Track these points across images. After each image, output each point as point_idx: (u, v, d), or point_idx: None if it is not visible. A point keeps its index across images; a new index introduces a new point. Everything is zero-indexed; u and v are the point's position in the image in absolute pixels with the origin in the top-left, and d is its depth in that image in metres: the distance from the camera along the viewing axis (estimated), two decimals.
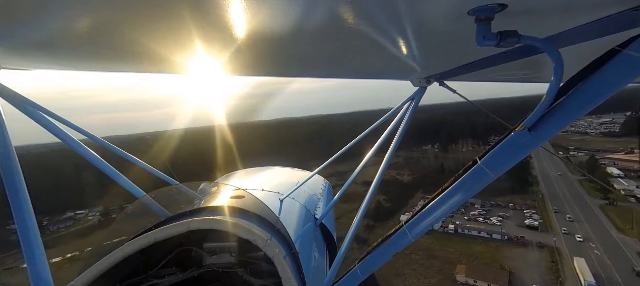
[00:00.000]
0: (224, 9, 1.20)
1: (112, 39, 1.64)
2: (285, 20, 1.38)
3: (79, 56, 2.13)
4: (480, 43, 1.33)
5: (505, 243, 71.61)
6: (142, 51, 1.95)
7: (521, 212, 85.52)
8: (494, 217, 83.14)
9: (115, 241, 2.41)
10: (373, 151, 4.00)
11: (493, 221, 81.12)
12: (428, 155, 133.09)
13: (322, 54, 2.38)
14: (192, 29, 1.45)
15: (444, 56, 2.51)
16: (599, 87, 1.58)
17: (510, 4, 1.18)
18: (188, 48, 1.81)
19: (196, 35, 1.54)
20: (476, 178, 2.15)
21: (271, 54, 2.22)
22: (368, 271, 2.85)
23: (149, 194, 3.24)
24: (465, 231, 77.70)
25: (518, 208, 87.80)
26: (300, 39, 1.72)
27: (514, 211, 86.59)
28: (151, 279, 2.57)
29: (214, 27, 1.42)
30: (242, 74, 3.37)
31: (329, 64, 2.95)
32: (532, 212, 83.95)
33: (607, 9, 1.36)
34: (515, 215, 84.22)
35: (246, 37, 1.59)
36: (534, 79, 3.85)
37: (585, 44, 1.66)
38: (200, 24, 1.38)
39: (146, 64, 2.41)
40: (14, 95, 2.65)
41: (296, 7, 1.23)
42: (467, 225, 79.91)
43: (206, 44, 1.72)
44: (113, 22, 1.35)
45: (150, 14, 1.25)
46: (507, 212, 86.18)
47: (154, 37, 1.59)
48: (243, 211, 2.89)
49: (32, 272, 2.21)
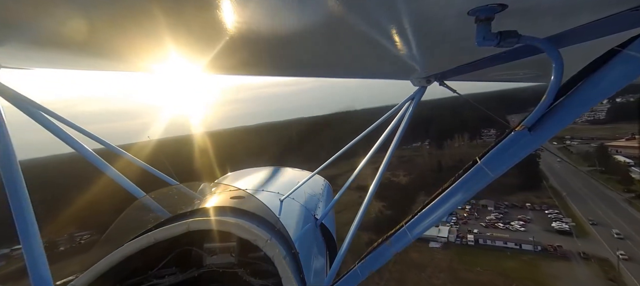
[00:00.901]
0: (224, 9, 1.20)
1: (112, 39, 1.64)
2: (286, 19, 1.38)
3: (78, 55, 2.13)
4: (480, 43, 1.33)
5: (539, 255, 57.75)
6: (142, 51, 1.95)
7: (542, 213, 73.65)
8: (515, 221, 70.73)
9: (115, 242, 2.41)
10: (373, 151, 4.00)
11: (515, 226, 68.74)
12: (422, 153, 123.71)
13: (322, 54, 2.38)
14: (194, 27, 1.45)
15: (444, 55, 2.51)
16: (599, 87, 1.58)
17: (510, 4, 1.18)
18: (190, 47, 1.81)
19: (200, 34, 1.54)
20: (476, 177, 2.15)
21: (270, 54, 2.22)
22: (368, 271, 2.85)
23: (149, 194, 3.24)
24: (487, 242, 64.67)
25: (537, 208, 76.43)
26: (300, 39, 1.73)
27: (534, 213, 74.80)
28: (151, 279, 2.57)
29: (214, 25, 1.42)
30: (241, 74, 3.37)
31: (329, 64, 2.95)
32: (555, 212, 71.87)
33: (607, 9, 1.36)
34: (538, 217, 72.01)
35: (245, 36, 1.59)
36: (534, 79, 3.85)
37: (585, 44, 1.66)
38: (201, 23, 1.38)
39: (146, 63, 2.41)
40: (14, 95, 2.65)
41: (296, 7, 1.24)
42: (487, 234, 67.63)
43: (208, 42, 1.72)
44: (113, 21, 1.35)
45: (149, 13, 1.25)
46: (526, 214, 74.52)
47: (154, 36, 1.59)
48: (243, 211, 2.89)
49: (32, 272, 2.21)
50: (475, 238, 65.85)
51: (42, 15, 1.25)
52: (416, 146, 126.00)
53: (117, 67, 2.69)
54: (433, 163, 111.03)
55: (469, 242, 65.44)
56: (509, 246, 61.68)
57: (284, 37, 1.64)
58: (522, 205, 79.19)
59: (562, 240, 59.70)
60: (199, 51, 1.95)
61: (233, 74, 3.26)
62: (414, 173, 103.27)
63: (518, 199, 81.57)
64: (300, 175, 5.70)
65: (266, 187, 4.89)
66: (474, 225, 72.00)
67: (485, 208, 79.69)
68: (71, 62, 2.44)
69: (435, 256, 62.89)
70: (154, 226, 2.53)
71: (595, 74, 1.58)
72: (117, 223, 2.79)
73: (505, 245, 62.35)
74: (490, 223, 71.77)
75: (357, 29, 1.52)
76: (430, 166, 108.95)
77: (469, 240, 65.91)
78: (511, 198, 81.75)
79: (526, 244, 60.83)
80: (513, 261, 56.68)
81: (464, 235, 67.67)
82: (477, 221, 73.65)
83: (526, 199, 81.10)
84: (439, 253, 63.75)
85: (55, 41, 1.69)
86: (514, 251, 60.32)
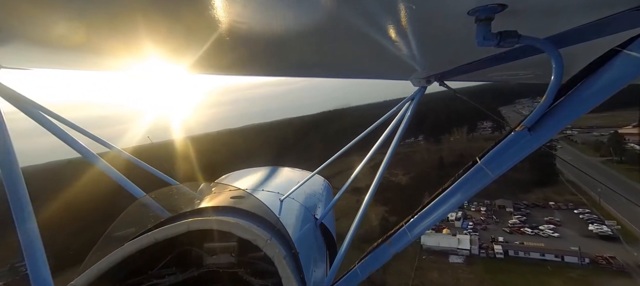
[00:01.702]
0: (225, 8, 1.20)
1: (111, 39, 1.64)
2: (286, 19, 1.38)
3: (78, 55, 2.13)
4: (481, 43, 1.33)
5: (589, 269, 46.31)
6: (142, 50, 1.95)
7: (571, 213, 62.94)
8: (543, 225, 59.72)
9: (115, 242, 2.41)
10: (373, 151, 4.00)
11: (546, 231, 57.33)
12: (419, 149, 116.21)
13: (322, 54, 2.38)
14: (195, 27, 1.45)
15: (444, 55, 2.52)
16: (599, 87, 1.58)
17: (510, 4, 1.18)
18: (191, 46, 1.81)
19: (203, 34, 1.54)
20: (476, 177, 2.15)
21: (270, 54, 2.22)
22: (368, 271, 2.85)
23: (149, 194, 3.24)
24: (520, 254, 53.37)
25: (563, 207, 66.11)
26: (300, 38, 1.73)
27: (561, 213, 64.31)
28: (151, 279, 2.57)
29: (211, 24, 1.42)
30: (240, 74, 3.37)
31: (329, 64, 2.95)
32: (587, 212, 61.32)
33: (607, 9, 1.36)
34: (568, 219, 61.07)
35: (244, 36, 1.59)
36: (534, 79, 3.85)
37: (585, 44, 1.66)
38: (202, 22, 1.38)
39: (146, 62, 2.41)
40: (14, 95, 2.65)
41: (296, 7, 1.24)
42: (515, 242, 56.39)
43: (209, 41, 1.72)
44: (112, 21, 1.35)
45: (149, 12, 1.26)
46: (552, 215, 63.95)
47: (155, 36, 1.59)
48: (243, 211, 2.89)
49: (32, 272, 2.21)
50: (504, 249, 54.28)
51: (42, 15, 1.25)
52: (409, 142, 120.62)
53: (117, 66, 2.69)
54: (433, 159, 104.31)
55: (497, 254, 53.98)
56: (547, 258, 50.52)
57: (284, 36, 1.64)
58: (545, 204, 69.13)
59: (609, 248, 48.18)
60: (204, 49, 1.95)
61: (229, 74, 3.27)
62: (413, 172, 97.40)
63: (537, 198, 72.61)
64: (300, 175, 5.69)
65: (266, 187, 4.89)
66: (495, 231, 61.29)
67: (503, 209, 69.49)
68: (71, 62, 2.44)
69: (460, 274, 52.46)
70: (154, 226, 2.53)
71: (595, 74, 1.58)
72: (117, 223, 2.79)
73: (543, 257, 51.20)
74: (515, 228, 61.01)
75: (357, 29, 1.52)
76: (430, 163, 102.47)
77: (496, 252, 54.32)
78: (529, 197, 73.16)
79: (569, 255, 49.59)
80: (558, 280, 45.23)
81: (488, 245, 56.60)
82: (499, 226, 62.83)
83: (546, 197, 72.11)
84: (463, 271, 53.15)
85: (55, 41, 1.69)
86: (555, 264, 49.17)
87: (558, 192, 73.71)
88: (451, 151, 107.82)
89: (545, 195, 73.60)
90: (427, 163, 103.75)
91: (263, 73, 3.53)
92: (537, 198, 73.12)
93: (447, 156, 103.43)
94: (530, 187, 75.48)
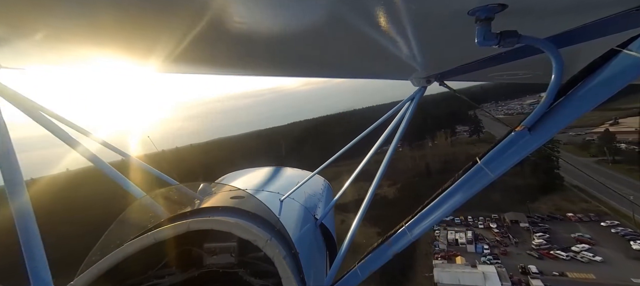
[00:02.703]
0: (225, 8, 1.20)
1: (111, 38, 1.64)
2: (286, 19, 1.38)
3: (78, 55, 2.13)
4: (481, 43, 1.33)
5: None
6: (142, 50, 1.95)
7: (597, 225, 52.32)
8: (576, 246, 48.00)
9: (115, 242, 2.41)
10: (373, 151, 4.00)
11: (584, 254, 45.68)
12: (403, 156, 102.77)
13: (322, 54, 2.38)
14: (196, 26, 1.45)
15: (444, 55, 2.51)
16: (599, 87, 1.58)
17: (510, 4, 1.18)
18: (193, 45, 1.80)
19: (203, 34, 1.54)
20: (476, 178, 2.15)
21: (270, 54, 2.22)
22: (368, 271, 2.85)
23: (149, 194, 3.24)
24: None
25: (585, 219, 55.42)
26: (300, 38, 1.73)
27: (585, 226, 53.42)
28: (151, 279, 2.57)
29: (215, 24, 1.42)
30: (240, 74, 3.37)
31: (328, 64, 2.95)
32: (616, 224, 51.72)
33: (607, 9, 1.36)
34: (597, 233, 50.10)
35: (244, 35, 1.59)
36: (534, 79, 3.85)
37: (585, 44, 1.67)
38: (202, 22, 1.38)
39: (147, 62, 2.41)
40: (14, 95, 2.65)
41: (296, 6, 1.24)
42: (553, 272, 43.12)
43: (209, 41, 1.72)
44: (112, 20, 1.35)
45: (147, 11, 1.25)
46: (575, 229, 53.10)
47: (155, 35, 1.59)
48: (243, 211, 2.89)
49: (32, 272, 2.21)
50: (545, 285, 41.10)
51: (42, 15, 1.25)
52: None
53: (117, 66, 2.68)
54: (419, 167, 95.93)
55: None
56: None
57: (284, 36, 1.64)
58: (563, 216, 57.90)
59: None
60: (209, 48, 1.94)
61: (229, 74, 3.27)
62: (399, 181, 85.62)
63: (549, 208, 62.75)
64: (300, 175, 5.69)
65: (266, 187, 4.89)
66: (519, 255, 48.94)
67: (516, 224, 57.95)
68: (71, 62, 2.44)
69: None
70: (154, 226, 2.53)
71: (595, 74, 1.58)
72: (117, 223, 2.79)
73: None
74: (543, 251, 49.10)
75: (358, 29, 1.52)
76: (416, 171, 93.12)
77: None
78: (540, 207, 63.43)
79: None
80: None
81: (521, 280, 43.30)
82: (521, 248, 51.16)
83: (558, 206, 62.51)
84: None
85: (55, 41, 1.69)
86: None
87: (568, 199, 64.52)
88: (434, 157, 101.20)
89: (556, 204, 63.79)
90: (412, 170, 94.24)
91: (263, 73, 3.53)
92: (548, 208, 63.27)
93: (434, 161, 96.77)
94: (537, 194, 67.36)
